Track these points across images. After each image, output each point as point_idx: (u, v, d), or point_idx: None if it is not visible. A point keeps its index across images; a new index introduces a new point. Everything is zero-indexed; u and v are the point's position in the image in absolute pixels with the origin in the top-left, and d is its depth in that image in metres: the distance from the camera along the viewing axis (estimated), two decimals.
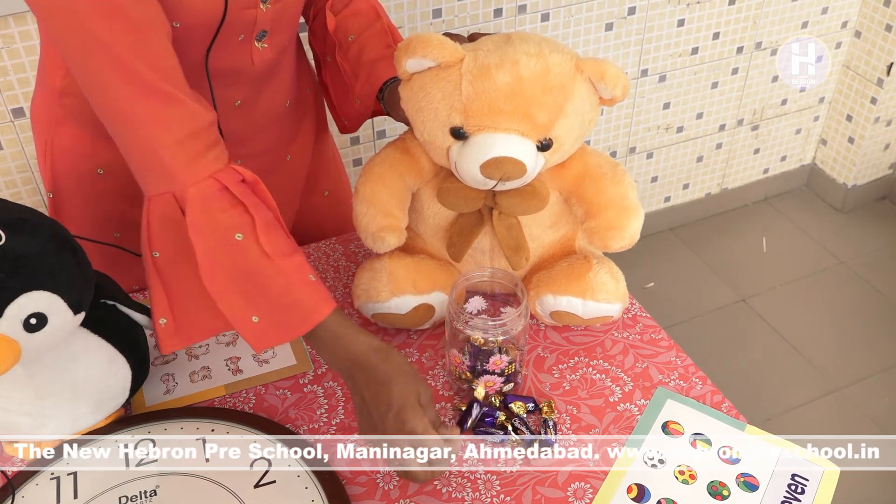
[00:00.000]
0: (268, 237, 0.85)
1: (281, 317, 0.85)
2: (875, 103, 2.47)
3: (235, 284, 0.85)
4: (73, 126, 1.02)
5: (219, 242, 0.84)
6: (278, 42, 1.01)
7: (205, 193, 0.84)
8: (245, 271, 0.84)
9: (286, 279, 0.85)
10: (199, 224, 0.84)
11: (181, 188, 0.84)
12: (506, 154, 0.87)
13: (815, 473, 0.88)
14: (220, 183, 0.85)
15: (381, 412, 0.81)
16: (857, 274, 2.48)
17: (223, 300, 0.85)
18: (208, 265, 0.84)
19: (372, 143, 1.99)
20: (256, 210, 0.86)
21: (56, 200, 1.08)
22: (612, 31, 2.10)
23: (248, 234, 0.84)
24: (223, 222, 0.84)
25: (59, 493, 0.85)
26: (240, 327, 0.86)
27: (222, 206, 0.85)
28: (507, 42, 0.88)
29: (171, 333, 0.89)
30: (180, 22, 0.86)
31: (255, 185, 0.87)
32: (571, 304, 0.98)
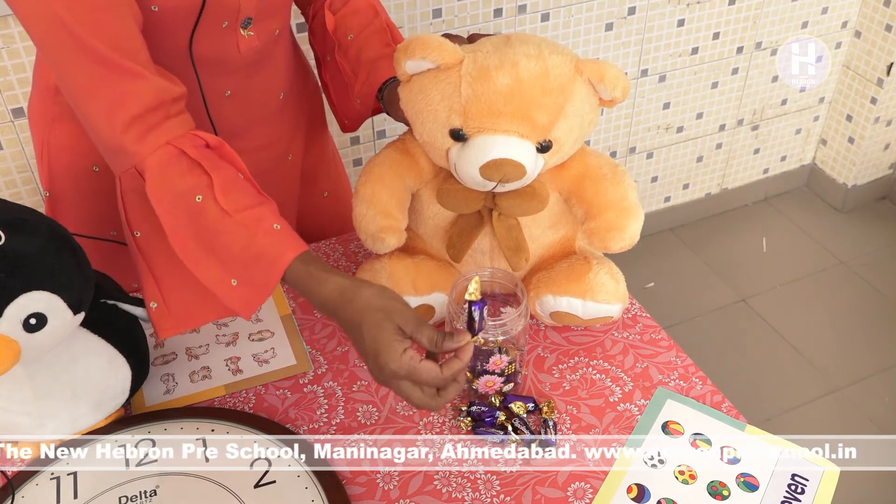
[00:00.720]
0: (226, 195, 0.83)
1: (251, 273, 0.83)
2: (875, 103, 2.47)
3: (204, 249, 0.83)
4: (69, 123, 1.02)
5: (181, 208, 0.83)
6: (265, 30, 1.00)
7: (161, 160, 0.84)
8: (209, 233, 0.83)
9: (247, 231, 0.82)
10: (159, 192, 0.83)
11: (139, 161, 0.84)
12: (505, 156, 0.87)
13: (815, 473, 0.88)
14: (177, 148, 0.84)
15: (365, 359, 0.79)
16: (857, 274, 2.47)
17: (198, 268, 0.84)
18: (175, 233, 0.83)
19: (372, 144, 1.99)
20: (214, 170, 0.84)
21: (53, 198, 1.08)
22: (612, 31, 2.10)
23: (207, 194, 0.83)
24: (181, 186, 0.83)
25: (59, 493, 0.85)
26: (223, 295, 0.84)
27: (180, 170, 0.84)
28: (507, 43, 0.88)
29: (164, 316, 0.88)
30: (158, 5, 0.86)
31: (221, 148, 0.86)
32: (571, 304, 0.98)
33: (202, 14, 0.90)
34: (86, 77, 0.82)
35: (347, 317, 0.80)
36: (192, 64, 0.94)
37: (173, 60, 0.86)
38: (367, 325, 0.78)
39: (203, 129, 0.88)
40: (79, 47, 0.80)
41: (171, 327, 0.89)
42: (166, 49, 0.89)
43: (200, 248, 0.83)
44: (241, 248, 0.82)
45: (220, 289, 0.84)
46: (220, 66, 0.98)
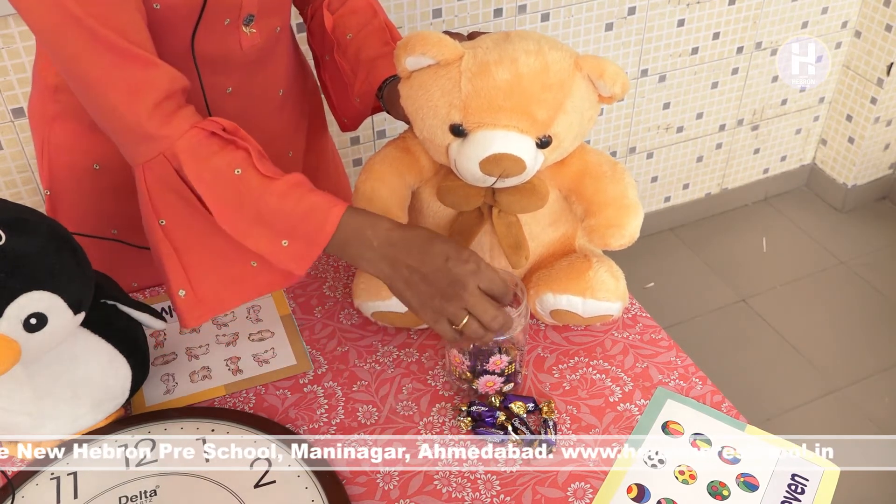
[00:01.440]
0: (263, 164, 0.86)
1: (305, 228, 0.85)
2: (875, 103, 2.47)
3: (252, 217, 0.85)
4: (69, 122, 1.02)
5: (222, 183, 0.85)
6: (267, 27, 1.00)
7: (193, 143, 0.85)
8: (255, 200, 0.85)
9: (296, 191, 0.85)
10: (199, 172, 0.85)
11: (168, 145, 0.85)
12: (505, 150, 0.87)
13: (815, 473, 0.88)
14: (205, 130, 0.86)
15: (438, 266, 0.81)
16: (857, 274, 2.48)
17: (249, 237, 0.85)
18: (220, 208, 0.85)
19: (372, 143, 1.99)
20: (247, 142, 0.86)
21: (53, 197, 1.08)
22: (612, 31, 2.10)
23: (246, 165, 0.85)
24: (219, 163, 0.85)
25: (59, 493, 0.85)
26: (274, 258, 0.86)
27: (213, 149, 0.85)
28: (507, 40, 0.88)
29: (193, 305, 0.89)
30: (161, 3, 0.86)
31: (237, 132, 0.88)
32: (571, 302, 0.98)
33: (204, 11, 0.90)
34: (100, 68, 0.82)
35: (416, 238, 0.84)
36: (193, 61, 0.94)
37: (175, 58, 0.86)
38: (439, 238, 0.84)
39: None
40: (91, 38, 0.81)
41: (201, 315, 0.90)
42: (168, 47, 0.89)
43: (247, 217, 0.85)
44: (292, 206, 0.85)
45: (272, 253, 0.86)
46: (221, 64, 0.98)
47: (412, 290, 0.83)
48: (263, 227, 0.85)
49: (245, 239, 0.85)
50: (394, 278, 0.84)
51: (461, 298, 0.81)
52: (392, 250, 0.84)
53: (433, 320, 0.83)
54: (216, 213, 0.85)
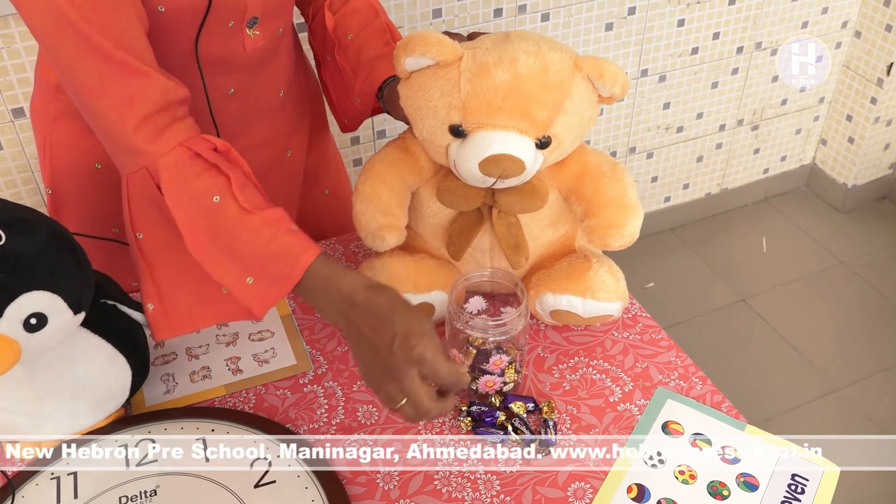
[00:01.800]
0: (244, 194, 0.84)
1: (272, 269, 0.83)
2: (875, 103, 2.47)
3: (221, 247, 0.83)
4: (71, 121, 1.02)
5: (197, 208, 0.83)
6: (271, 29, 1.00)
7: (177, 161, 0.84)
8: (228, 231, 0.83)
9: (270, 230, 0.83)
10: (176, 193, 0.83)
11: (152, 161, 0.84)
12: (504, 151, 0.87)
13: (815, 473, 0.88)
14: (191, 150, 0.84)
15: (386, 343, 0.77)
16: (857, 274, 2.47)
17: (214, 267, 0.84)
18: (191, 233, 0.84)
19: (372, 143, 1.99)
20: (230, 170, 0.85)
21: (55, 196, 1.08)
22: (612, 31, 2.10)
23: (225, 194, 0.83)
24: (198, 187, 0.84)
25: (59, 493, 0.85)
26: (237, 293, 0.84)
27: (195, 171, 0.84)
28: (506, 40, 0.88)
29: (161, 319, 0.88)
30: (165, 6, 0.86)
31: (228, 153, 0.87)
32: (571, 302, 0.98)
33: (208, 14, 0.90)
34: (94, 76, 0.82)
35: (373, 302, 0.80)
36: (197, 63, 0.94)
37: (179, 60, 0.86)
38: (399, 312, 0.79)
39: (205, 127, 0.89)
40: (86, 45, 0.80)
41: (168, 330, 0.89)
42: (172, 49, 0.89)
43: (217, 247, 0.84)
44: (263, 245, 0.83)
45: (235, 287, 0.84)
46: (225, 65, 0.98)
47: (360, 354, 0.81)
48: (231, 261, 0.83)
49: (211, 268, 0.84)
50: (348, 336, 0.82)
51: (400, 382, 0.78)
52: (351, 311, 0.81)
53: (375, 389, 0.81)
54: (186, 238, 0.84)
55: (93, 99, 0.83)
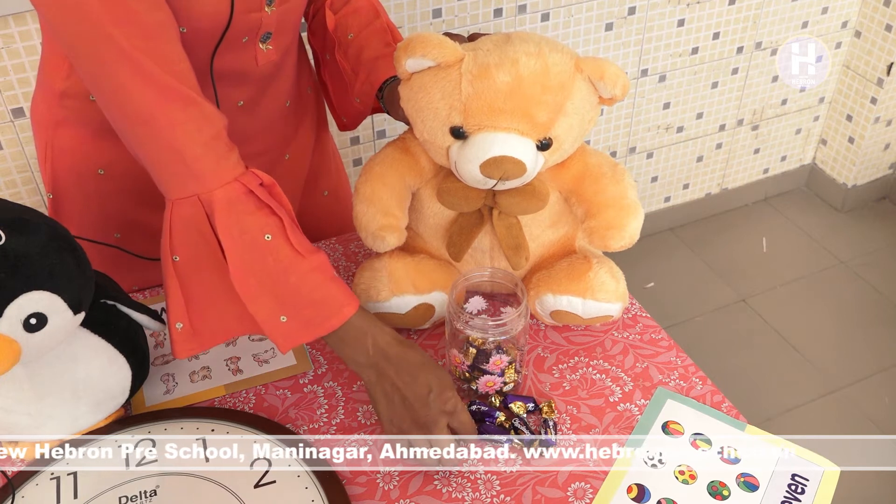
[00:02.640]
0: (296, 237, 0.86)
1: (311, 314, 0.86)
2: (875, 103, 2.47)
3: (267, 286, 0.85)
4: (75, 127, 1.02)
5: (249, 245, 0.85)
6: (282, 43, 1.01)
7: (231, 197, 0.85)
8: (277, 271, 0.85)
9: (317, 276, 0.86)
10: (229, 226, 0.85)
11: (207, 191, 0.84)
12: (505, 153, 0.87)
13: (815, 473, 0.88)
14: (245, 186, 0.86)
15: (420, 395, 0.84)
16: (857, 274, 2.48)
17: (254, 302, 0.85)
18: (239, 267, 0.85)
19: (372, 143, 1.99)
20: (281, 211, 0.87)
21: (56, 201, 1.08)
22: (612, 31, 2.10)
23: (278, 234, 0.85)
24: (251, 224, 0.85)
25: (59, 493, 0.85)
26: (268, 328, 0.86)
27: (248, 208, 0.85)
28: (507, 41, 0.88)
29: (188, 338, 0.89)
30: (187, 27, 0.86)
31: (272, 188, 0.88)
32: (571, 303, 0.98)
33: (226, 32, 0.90)
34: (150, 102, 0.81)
35: (407, 356, 0.86)
36: (210, 77, 0.94)
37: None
38: (431, 367, 0.86)
39: None
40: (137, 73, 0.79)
41: (193, 348, 0.90)
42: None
43: (262, 284, 0.85)
44: (309, 290, 0.86)
45: (267, 322, 0.86)
46: (237, 79, 0.99)
47: (389, 404, 0.85)
48: (273, 299, 0.85)
49: (250, 302, 0.85)
50: (375, 387, 0.86)
51: (430, 431, 0.84)
52: (383, 363, 0.85)
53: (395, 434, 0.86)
54: (232, 270, 0.85)
55: (148, 126, 0.82)
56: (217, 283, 0.87)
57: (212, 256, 0.86)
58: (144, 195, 0.96)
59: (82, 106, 0.99)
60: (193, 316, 0.88)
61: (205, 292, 0.88)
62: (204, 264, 0.87)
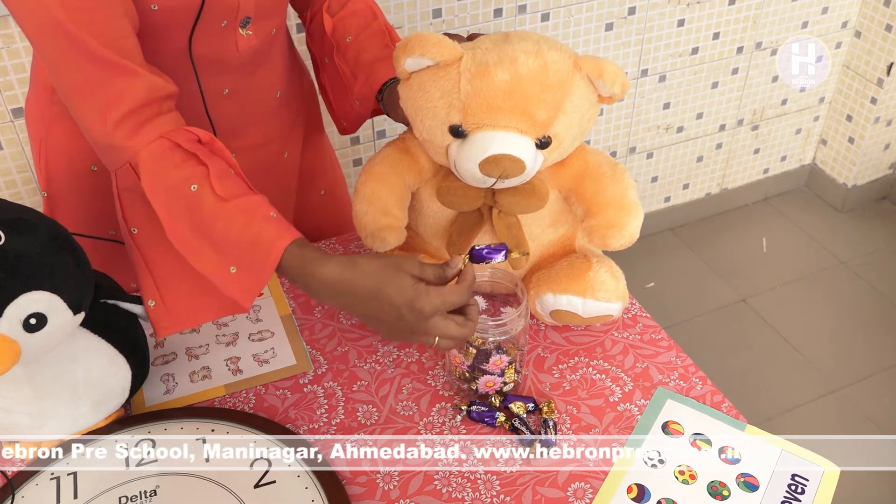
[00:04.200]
0: (222, 183, 0.83)
1: (249, 257, 0.82)
2: (875, 103, 2.47)
3: (201, 237, 0.83)
4: (67, 123, 1.02)
5: (175, 198, 0.83)
6: (263, 29, 1.00)
7: (155, 153, 0.84)
8: (206, 220, 0.83)
9: (244, 216, 0.82)
10: (154, 184, 0.84)
11: (133, 155, 0.84)
12: (504, 151, 0.87)
13: (815, 473, 0.88)
14: (171, 141, 0.85)
15: (395, 316, 0.79)
16: (857, 274, 2.48)
17: (195, 257, 0.83)
18: (170, 223, 0.83)
19: (372, 143, 1.99)
20: (210, 159, 0.84)
21: (51, 198, 1.08)
22: (612, 31, 2.10)
23: (203, 183, 0.83)
24: (176, 177, 0.83)
25: (59, 493, 0.85)
26: (222, 284, 0.84)
27: (174, 161, 0.84)
28: (506, 40, 0.88)
29: (163, 314, 0.88)
30: (158, 5, 0.86)
31: (212, 144, 0.87)
32: (571, 302, 0.98)
33: (201, 13, 0.90)
34: (81, 75, 0.82)
35: (358, 287, 0.79)
36: (191, 63, 0.94)
37: (173, 60, 0.86)
38: (385, 283, 0.78)
39: (202, 128, 0.89)
40: (73, 45, 0.81)
41: (170, 326, 0.89)
42: (166, 48, 0.89)
43: (197, 236, 0.83)
44: (237, 232, 0.82)
45: (218, 278, 0.83)
46: (218, 65, 0.98)
47: (375, 324, 0.82)
48: (212, 250, 0.83)
49: (194, 258, 0.83)
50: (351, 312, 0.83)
51: (426, 334, 0.80)
52: (340, 298, 0.81)
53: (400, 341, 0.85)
54: (166, 227, 0.83)
55: (77, 99, 0.84)
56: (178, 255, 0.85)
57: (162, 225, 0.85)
58: None
59: None
60: (163, 290, 0.87)
61: (168, 264, 0.86)
62: (159, 234, 0.85)
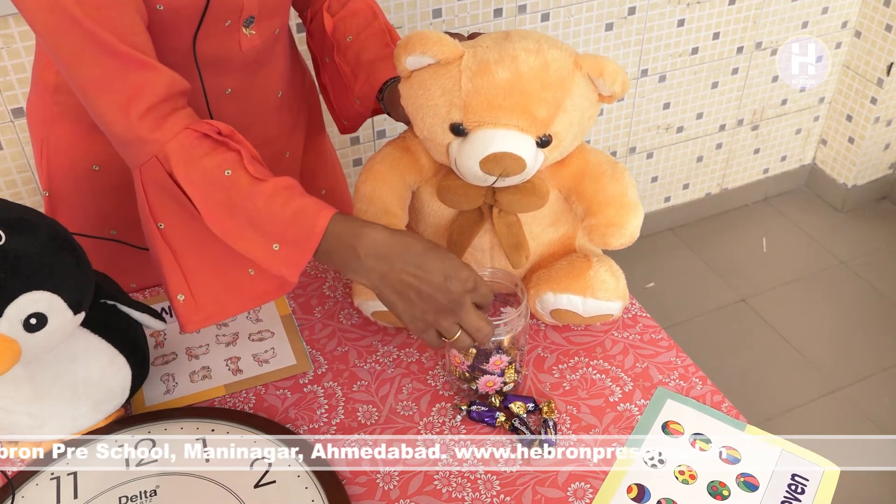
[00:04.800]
0: (254, 166, 0.85)
1: (293, 232, 0.83)
2: (875, 103, 2.47)
3: (241, 219, 0.84)
4: (69, 123, 1.02)
5: (211, 184, 0.84)
6: (267, 28, 1.00)
7: (184, 144, 0.84)
8: (244, 201, 0.84)
9: (283, 195, 0.84)
10: (188, 172, 0.84)
11: (160, 147, 0.84)
12: (505, 149, 0.87)
13: (815, 473, 0.88)
14: (197, 131, 0.85)
15: (437, 282, 0.80)
16: (857, 274, 2.47)
17: (238, 240, 0.84)
18: (209, 209, 0.84)
19: (372, 143, 1.99)
20: (240, 144, 0.86)
21: (52, 198, 1.08)
22: (612, 31, 2.10)
23: (236, 167, 0.84)
24: (209, 164, 0.84)
25: (59, 493, 0.85)
26: (266, 262, 0.84)
27: (204, 150, 0.85)
28: (507, 38, 0.88)
29: (192, 310, 0.88)
30: (164, 4, 0.86)
31: (233, 135, 0.87)
32: (571, 302, 0.98)
33: (206, 13, 0.90)
34: (99, 70, 0.82)
35: (409, 247, 0.81)
36: (195, 62, 0.94)
37: (177, 59, 0.86)
38: (435, 247, 0.82)
39: None
40: (90, 41, 0.80)
41: (200, 320, 0.89)
42: (170, 48, 0.89)
43: (237, 219, 0.84)
44: (279, 209, 0.83)
45: (263, 257, 0.84)
46: (221, 65, 0.99)
47: (405, 302, 0.82)
48: (253, 231, 0.84)
49: (235, 242, 0.84)
50: (383, 289, 0.83)
51: (457, 316, 0.82)
52: (382, 263, 0.81)
53: (421, 330, 0.83)
54: (205, 215, 0.84)
55: (98, 94, 0.84)
56: (209, 249, 0.86)
57: (192, 217, 0.85)
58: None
59: (75, 101, 0.99)
60: (193, 284, 0.87)
61: (198, 256, 0.87)
62: (188, 224, 0.86)
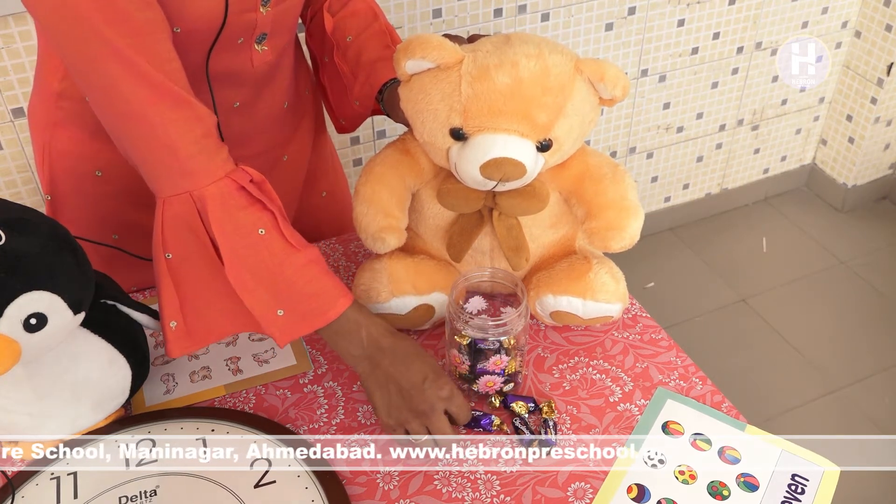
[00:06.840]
0: (289, 231, 0.87)
1: (307, 307, 0.86)
2: (875, 103, 2.47)
3: (262, 280, 0.86)
4: (72, 128, 1.02)
5: (242, 239, 0.86)
6: (278, 44, 1.01)
7: (223, 192, 0.85)
8: (272, 265, 0.86)
9: (313, 269, 0.87)
10: (222, 222, 0.85)
11: (199, 187, 0.85)
12: (505, 155, 0.87)
13: (815, 473, 0.88)
14: (236, 182, 0.86)
15: (416, 383, 0.85)
16: (857, 274, 2.48)
17: (250, 297, 0.86)
18: (235, 263, 0.85)
19: (372, 144, 1.99)
20: (273, 206, 0.88)
21: (54, 202, 1.08)
22: (612, 31, 2.10)
23: (271, 228, 0.86)
24: (244, 220, 0.86)
25: (59, 493, 0.85)
26: (265, 322, 0.87)
27: (241, 204, 0.86)
28: (507, 43, 0.88)
29: (182, 336, 0.89)
30: (181, 27, 0.86)
31: (263, 185, 0.89)
32: (571, 304, 0.98)
33: (221, 32, 0.90)
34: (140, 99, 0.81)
35: (401, 351, 0.87)
36: (206, 78, 0.94)
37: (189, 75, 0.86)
38: (422, 356, 0.88)
39: None
40: (131, 70, 0.80)
41: (187, 346, 0.90)
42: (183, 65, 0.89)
43: (258, 278, 0.86)
44: (304, 282, 0.86)
45: (264, 317, 0.87)
46: (233, 80, 0.99)
47: (384, 394, 0.86)
48: (268, 293, 0.86)
49: (244, 294, 0.86)
50: (370, 378, 0.87)
51: (427, 419, 0.85)
52: (377, 354, 0.87)
53: (392, 426, 0.87)
54: (227, 265, 0.85)
55: (140, 123, 0.83)
56: (210, 280, 0.87)
57: (204, 254, 0.87)
58: (142, 197, 0.96)
59: (79, 107, 0.99)
60: (187, 314, 0.88)
61: (198, 290, 0.88)
62: (196, 262, 0.87)
